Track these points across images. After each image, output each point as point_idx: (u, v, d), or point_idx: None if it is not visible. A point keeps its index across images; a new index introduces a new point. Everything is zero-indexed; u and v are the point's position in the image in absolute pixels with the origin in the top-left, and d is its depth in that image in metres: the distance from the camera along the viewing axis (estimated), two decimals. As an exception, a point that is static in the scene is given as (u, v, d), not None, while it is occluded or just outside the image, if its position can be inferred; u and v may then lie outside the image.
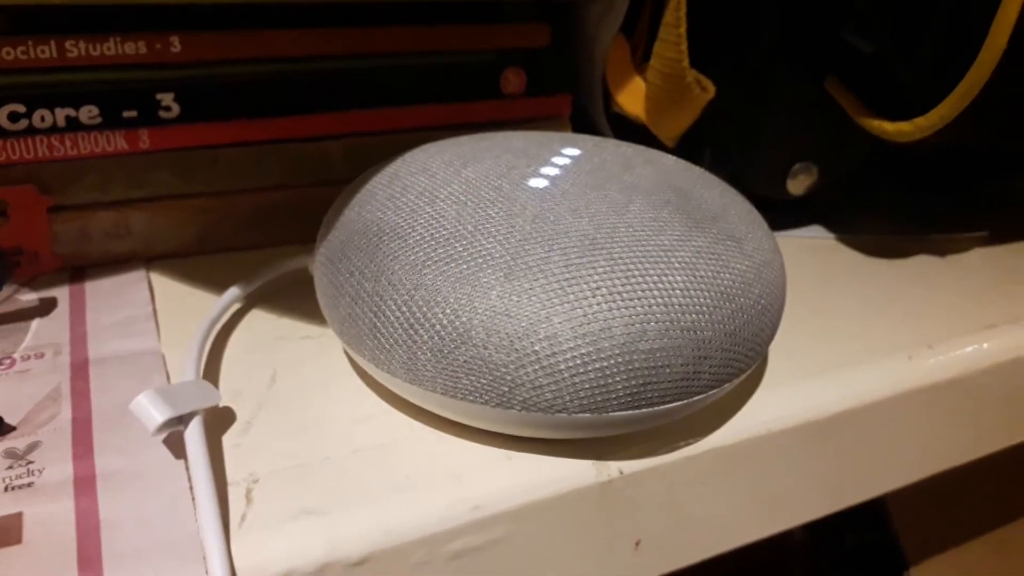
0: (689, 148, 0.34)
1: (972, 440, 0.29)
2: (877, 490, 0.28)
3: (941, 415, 0.28)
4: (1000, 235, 0.36)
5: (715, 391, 0.21)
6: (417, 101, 0.33)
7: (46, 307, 0.27)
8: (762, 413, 0.24)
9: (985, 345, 0.28)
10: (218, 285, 0.29)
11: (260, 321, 0.27)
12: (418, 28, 0.33)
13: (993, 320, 0.29)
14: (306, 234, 0.32)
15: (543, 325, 0.19)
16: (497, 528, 0.21)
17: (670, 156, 0.26)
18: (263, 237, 0.32)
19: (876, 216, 0.36)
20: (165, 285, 0.29)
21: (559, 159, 0.24)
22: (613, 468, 0.22)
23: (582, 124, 0.37)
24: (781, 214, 0.35)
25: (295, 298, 0.28)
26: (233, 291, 0.26)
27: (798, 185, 0.34)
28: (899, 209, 0.37)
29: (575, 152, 0.25)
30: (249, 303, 0.28)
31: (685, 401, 0.20)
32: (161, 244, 0.31)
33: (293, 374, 0.24)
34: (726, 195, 0.24)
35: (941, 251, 0.34)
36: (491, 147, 0.25)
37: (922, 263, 0.33)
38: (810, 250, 0.34)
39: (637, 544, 0.23)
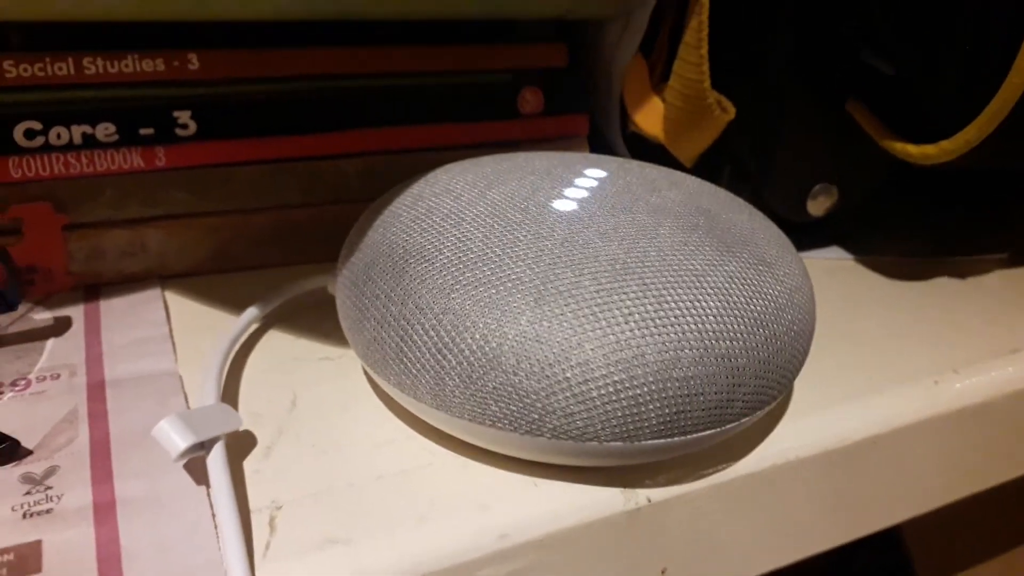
0: (708, 168, 0.34)
1: (998, 465, 0.29)
2: (902, 515, 0.27)
3: (967, 440, 0.27)
4: (1021, 257, 0.36)
5: (747, 419, 0.20)
6: (434, 120, 0.33)
7: (61, 327, 0.27)
8: (789, 440, 0.24)
9: (1011, 369, 0.28)
10: (234, 304, 0.29)
11: (278, 342, 0.27)
12: (435, 48, 0.32)
13: (1017, 344, 0.29)
14: (322, 253, 0.32)
15: (575, 351, 0.19)
16: (524, 558, 0.20)
17: (694, 178, 0.26)
18: (279, 256, 0.32)
19: (894, 237, 0.36)
20: (180, 304, 0.29)
21: (584, 181, 0.24)
22: (641, 496, 0.21)
23: (598, 144, 0.37)
24: (799, 235, 0.34)
25: (313, 318, 0.28)
26: (251, 311, 0.26)
27: (818, 206, 0.34)
28: (917, 230, 0.36)
29: (600, 174, 0.24)
30: (267, 323, 0.28)
31: (718, 429, 0.20)
32: (176, 262, 0.30)
33: (313, 397, 0.24)
34: (754, 218, 0.24)
35: (962, 273, 0.34)
36: (514, 168, 0.25)
37: (943, 285, 0.33)
38: (830, 272, 0.34)
39: (663, 572, 0.23)
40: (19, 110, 0.27)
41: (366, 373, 0.25)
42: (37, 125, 0.27)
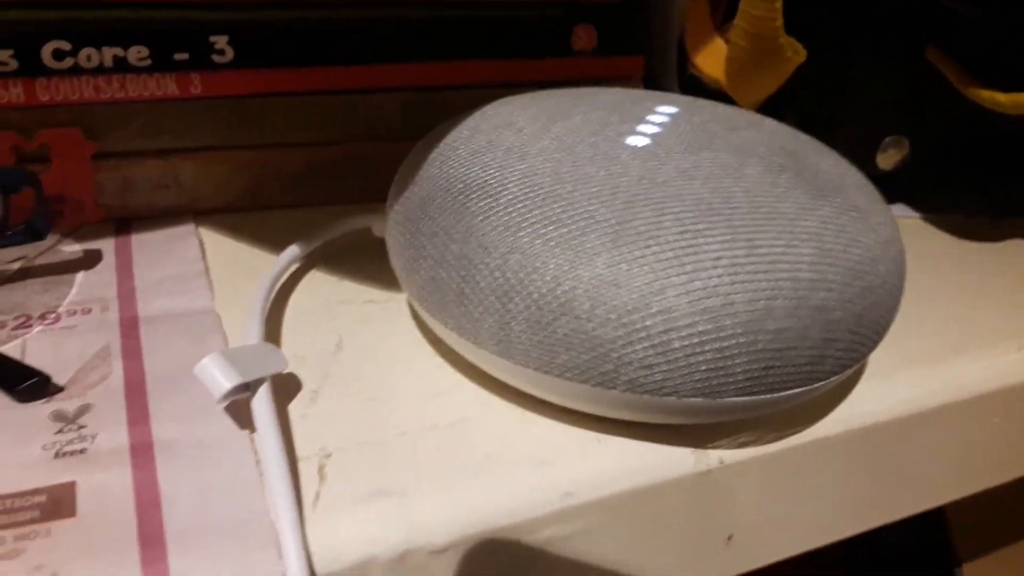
0: (769, 115, 0.32)
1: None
2: (977, 486, 0.26)
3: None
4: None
5: (836, 378, 0.19)
6: (481, 55, 0.31)
7: (91, 260, 0.25)
8: (866, 403, 0.22)
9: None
10: (271, 243, 0.27)
11: (320, 283, 0.25)
12: (488, -24, 0.30)
13: (1102, 311, 0.27)
14: (358, 193, 0.31)
15: (656, 298, 0.17)
16: (590, 516, 0.19)
17: (771, 119, 0.24)
18: (312, 195, 0.30)
19: (961, 195, 0.34)
20: (215, 241, 0.27)
21: (655, 117, 0.22)
22: (713, 457, 0.20)
23: (652, 88, 0.35)
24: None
25: (356, 260, 0.27)
26: (292, 250, 0.24)
27: (888, 160, 0.32)
28: (985, 188, 0.34)
29: (672, 110, 0.23)
30: (307, 264, 0.26)
31: (807, 388, 0.18)
32: (207, 198, 0.29)
33: (359, 340, 0.23)
34: (840, 164, 0.22)
35: (1035, 235, 0.32)
36: (577, 103, 0.23)
37: (1016, 247, 0.31)
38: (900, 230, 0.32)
39: (729, 539, 0.22)
40: (47, 28, 0.25)
41: (415, 317, 0.24)
42: (66, 45, 0.26)
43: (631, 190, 0.19)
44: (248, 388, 0.19)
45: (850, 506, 0.23)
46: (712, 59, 0.32)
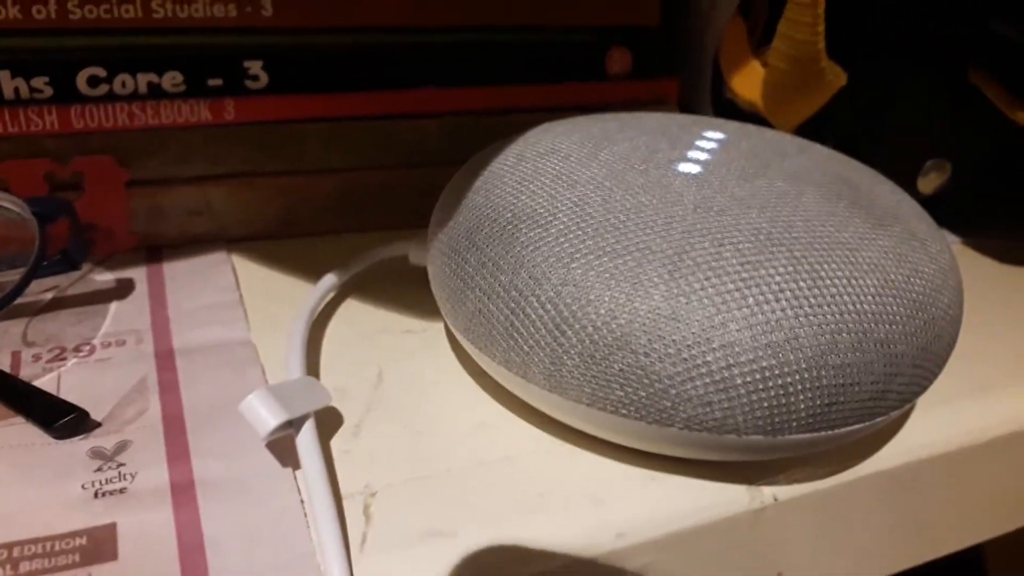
0: (807, 138, 0.31)
1: None
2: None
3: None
4: None
5: (897, 412, 0.18)
6: (518, 80, 0.31)
7: (124, 289, 0.25)
8: (921, 436, 0.22)
9: None
10: (305, 272, 0.27)
11: (357, 312, 0.25)
12: (521, 0, 0.30)
13: None
14: (394, 220, 0.30)
15: (718, 332, 0.16)
16: (643, 557, 0.18)
17: (820, 145, 0.23)
18: (347, 222, 0.30)
19: (1002, 220, 0.33)
20: (249, 269, 0.27)
21: (704, 143, 0.22)
22: (767, 495, 0.19)
23: (687, 111, 0.35)
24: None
25: (393, 289, 0.26)
26: (329, 278, 0.24)
27: (928, 184, 0.31)
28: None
29: (720, 135, 0.22)
30: (343, 293, 0.26)
31: (869, 423, 0.18)
32: (240, 224, 0.28)
33: (399, 372, 0.22)
34: (896, 192, 0.21)
35: (1082, 260, 0.31)
36: (622, 128, 0.22)
37: (1064, 272, 0.31)
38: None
39: (780, 577, 0.21)
40: (83, 55, 0.25)
41: (455, 347, 0.23)
42: (102, 72, 0.25)
43: (687, 220, 0.18)
44: (291, 424, 0.18)
45: (900, 541, 0.23)
46: (749, 82, 0.31)
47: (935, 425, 0.22)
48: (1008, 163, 0.31)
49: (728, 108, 0.33)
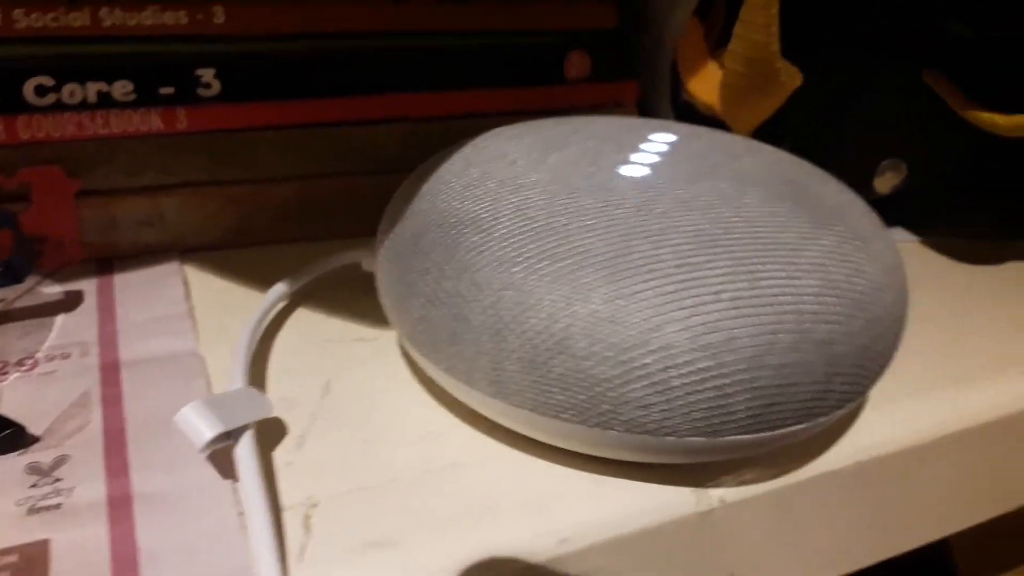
0: (764, 140, 0.31)
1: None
2: (984, 515, 0.25)
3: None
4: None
5: (839, 411, 0.18)
6: (474, 85, 0.31)
7: (72, 302, 0.24)
8: (869, 436, 0.22)
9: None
10: (258, 281, 0.27)
11: (307, 321, 0.24)
12: (478, 5, 0.30)
13: (1110, 335, 0.27)
14: (352, 228, 0.30)
15: (655, 335, 0.16)
16: (587, 562, 0.18)
17: (770, 146, 0.23)
18: (303, 230, 0.30)
19: (960, 218, 0.33)
20: (201, 280, 0.26)
21: (652, 145, 0.21)
22: (714, 497, 0.19)
23: (645, 114, 0.35)
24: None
25: (345, 297, 0.26)
26: (279, 287, 0.24)
27: (885, 183, 0.31)
28: (984, 211, 0.34)
29: (670, 137, 0.22)
30: (295, 302, 0.25)
31: (809, 424, 0.18)
32: (194, 235, 0.28)
33: (348, 382, 0.22)
34: (842, 191, 0.21)
35: (1037, 257, 0.31)
36: (573, 132, 0.22)
37: (1016, 269, 0.31)
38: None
39: (732, 580, 0.21)
40: (30, 64, 0.25)
41: (405, 355, 0.23)
42: (49, 81, 0.25)
43: (628, 222, 0.18)
44: (231, 435, 0.18)
45: (853, 540, 0.23)
46: (706, 84, 0.31)
47: (885, 424, 0.22)
48: (963, 162, 0.31)
49: (687, 110, 0.33)
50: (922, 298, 0.28)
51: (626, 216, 0.18)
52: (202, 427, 0.17)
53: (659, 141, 0.22)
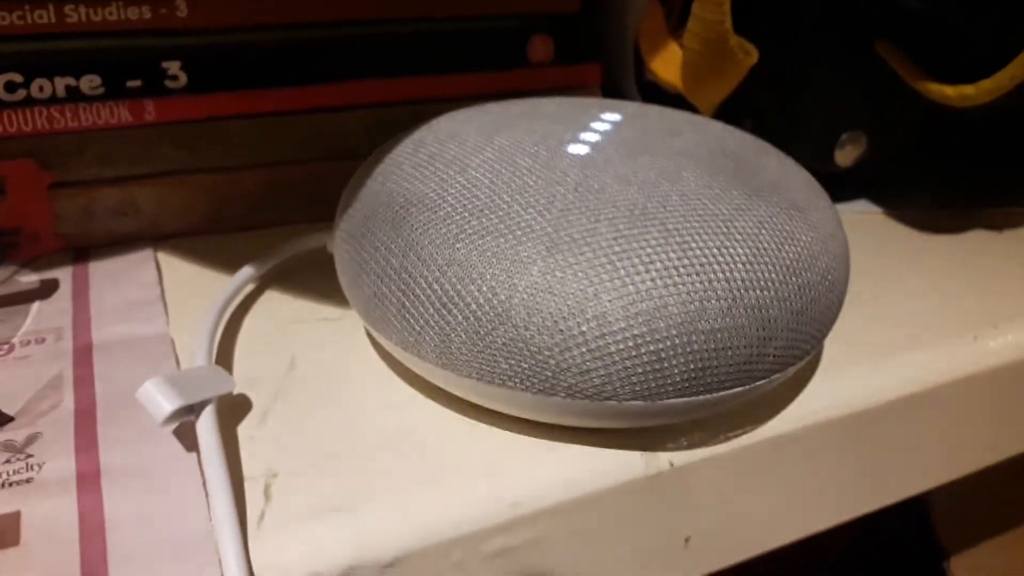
0: (727, 118, 0.32)
1: (1039, 427, 0.27)
2: (940, 479, 0.26)
3: (1007, 399, 0.26)
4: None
5: (778, 375, 0.19)
6: (440, 70, 0.31)
7: (47, 289, 0.25)
8: (819, 399, 0.22)
9: (1054, 325, 0.26)
10: (229, 266, 0.27)
11: (275, 303, 0.25)
12: (440, -9, 0.31)
13: (1060, 298, 0.27)
14: (322, 212, 0.31)
15: (591, 303, 0.17)
16: (538, 526, 0.19)
17: (719, 123, 0.24)
18: (276, 216, 0.30)
19: (924, 189, 0.34)
20: (173, 266, 0.27)
21: (599, 124, 0.22)
22: (663, 460, 0.20)
23: (611, 95, 0.35)
24: (825, 187, 0.33)
25: (312, 279, 0.27)
26: (246, 271, 0.24)
27: (846, 156, 0.32)
28: (948, 181, 0.34)
29: (615, 117, 0.23)
30: (263, 284, 0.26)
31: (747, 387, 0.18)
32: (168, 223, 0.29)
33: (312, 359, 0.23)
34: (784, 163, 0.22)
35: (996, 225, 0.32)
36: (523, 114, 0.23)
37: (978, 238, 0.31)
38: (858, 225, 0.32)
39: (686, 541, 0.22)
40: (-2, 61, 0.26)
41: (369, 333, 0.24)
42: (18, 77, 0.26)
43: (567, 198, 0.19)
44: (193, 411, 0.19)
45: (810, 503, 0.23)
46: (668, 64, 0.32)
47: (834, 389, 0.23)
48: (922, 133, 0.32)
49: (652, 90, 0.34)
50: (880, 266, 0.29)
51: (566, 193, 0.19)
52: (162, 401, 0.18)
53: (605, 120, 0.22)
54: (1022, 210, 0.33)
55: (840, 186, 0.34)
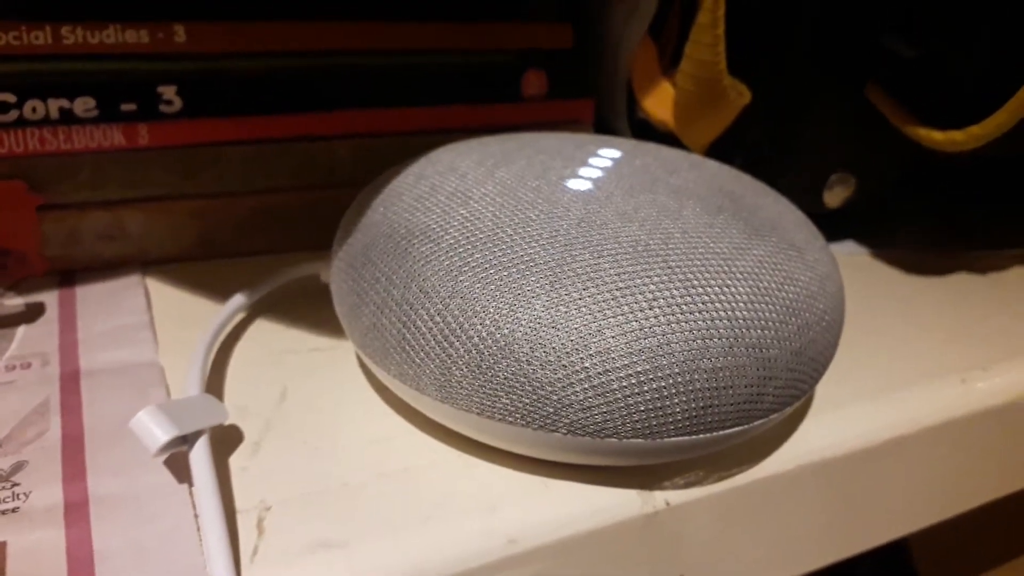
0: (718, 157, 0.32)
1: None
2: (929, 520, 0.26)
3: (996, 440, 0.26)
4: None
5: (777, 415, 0.19)
6: (433, 102, 0.31)
7: (33, 313, 0.25)
8: (813, 440, 0.22)
9: (1040, 368, 0.26)
10: (219, 293, 0.27)
11: (266, 332, 0.25)
12: (436, 24, 0.31)
13: (1045, 342, 0.28)
14: (313, 240, 0.30)
15: (595, 339, 0.17)
16: (533, 564, 0.19)
17: (714, 161, 0.24)
18: (267, 243, 0.30)
19: (911, 231, 0.34)
20: (162, 292, 0.27)
21: (598, 160, 0.22)
22: (659, 499, 0.20)
23: (602, 131, 0.36)
24: (812, 228, 0.33)
25: (304, 308, 0.26)
26: (238, 299, 0.24)
27: (835, 197, 0.32)
28: (934, 223, 0.35)
29: (614, 153, 0.23)
30: (254, 313, 0.26)
31: (746, 426, 0.18)
32: (157, 248, 0.29)
33: (304, 390, 0.22)
34: (779, 203, 0.22)
35: (981, 268, 0.33)
36: (522, 147, 0.23)
37: (963, 281, 0.32)
38: (846, 266, 0.32)
39: (680, 581, 0.21)
40: (-9, 81, 0.25)
41: (362, 365, 0.24)
42: (11, 98, 0.26)
43: (570, 233, 0.19)
44: (186, 441, 0.18)
45: (803, 543, 0.23)
46: (660, 103, 0.32)
47: (829, 429, 0.23)
48: (907, 176, 0.32)
49: (643, 128, 0.34)
50: (869, 308, 0.29)
51: (568, 228, 0.19)
52: (156, 431, 0.17)
53: (604, 156, 0.22)
54: (1006, 253, 0.34)
55: (828, 227, 0.34)
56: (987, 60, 0.26)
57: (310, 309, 0.26)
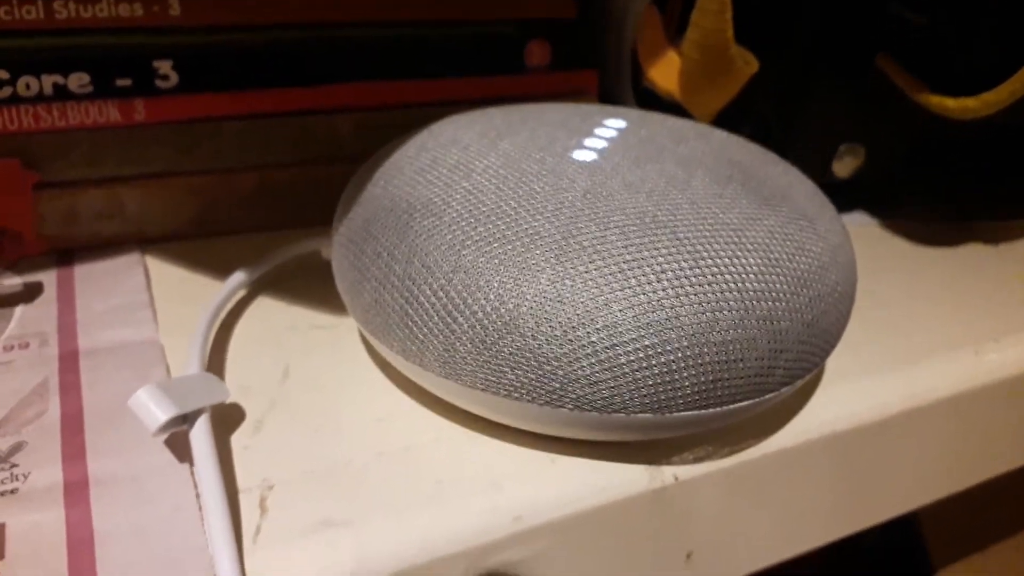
0: (725, 126, 0.32)
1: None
2: (940, 492, 0.26)
3: (1007, 412, 0.26)
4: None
5: (787, 388, 0.19)
6: (434, 74, 0.31)
7: (31, 293, 0.24)
8: (824, 412, 0.22)
9: (1053, 339, 0.26)
10: (220, 271, 0.27)
11: (268, 310, 0.25)
12: (437, -5, 0.30)
13: (1058, 313, 0.27)
14: (314, 216, 0.30)
15: (601, 313, 0.17)
16: (540, 541, 0.18)
17: (721, 130, 0.24)
18: (267, 219, 0.30)
19: (920, 201, 0.34)
20: (162, 270, 0.26)
21: (603, 131, 0.22)
22: (667, 474, 0.20)
23: (607, 101, 0.35)
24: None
25: (305, 285, 0.26)
26: (238, 276, 0.24)
27: (844, 167, 0.32)
28: (944, 193, 0.34)
29: (620, 124, 0.22)
30: (255, 290, 0.26)
31: (757, 399, 0.18)
32: (156, 225, 0.28)
33: (307, 368, 0.22)
34: (789, 172, 0.22)
35: (993, 239, 0.32)
36: (525, 119, 0.23)
37: (974, 252, 0.31)
38: (856, 237, 0.32)
39: (688, 556, 0.21)
40: (-17, 57, 0.25)
41: (365, 341, 0.23)
42: (4, 74, 0.25)
43: (576, 205, 0.18)
44: (187, 420, 0.18)
45: (812, 517, 0.23)
46: (666, 72, 0.32)
47: (839, 402, 0.22)
48: (918, 145, 0.32)
49: (649, 97, 0.33)
50: (880, 279, 0.29)
51: (574, 199, 0.18)
52: (156, 410, 0.17)
53: (609, 127, 0.22)
54: (1018, 223, 0.33)
55: (837, 197, 0.33)
56: (997, 28, 0.25)
57: (311, 286, 0.26)
